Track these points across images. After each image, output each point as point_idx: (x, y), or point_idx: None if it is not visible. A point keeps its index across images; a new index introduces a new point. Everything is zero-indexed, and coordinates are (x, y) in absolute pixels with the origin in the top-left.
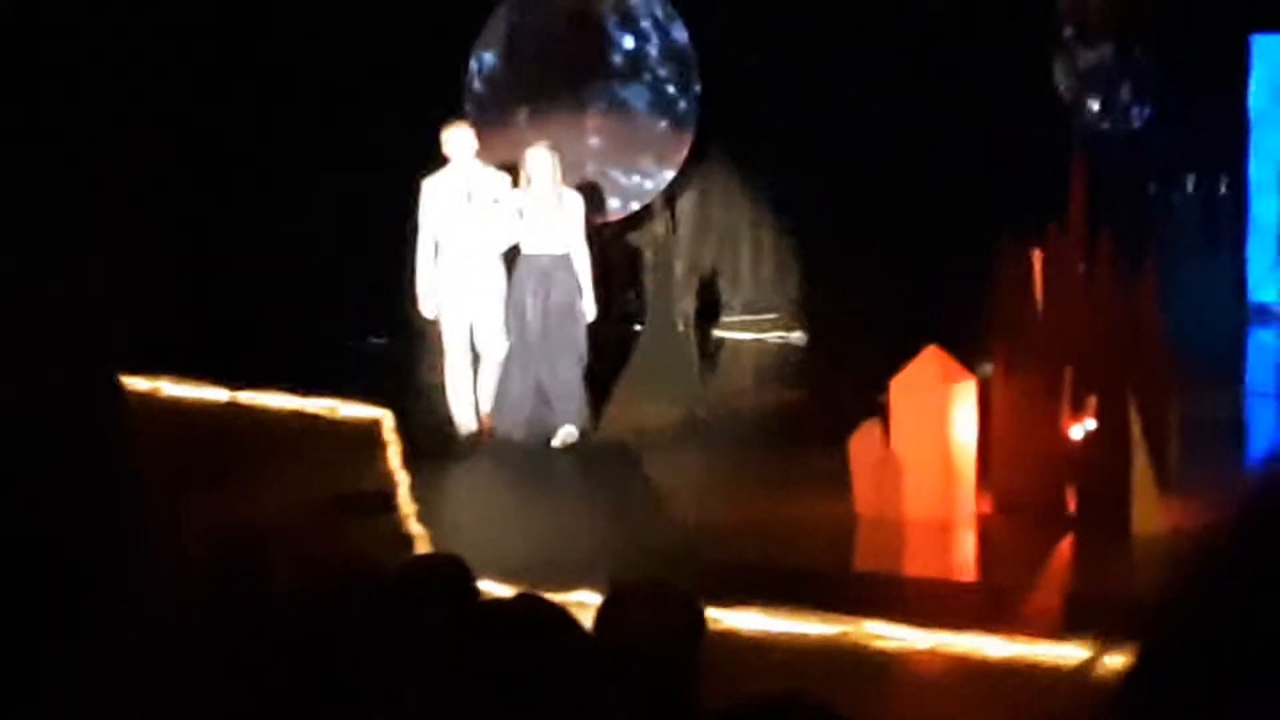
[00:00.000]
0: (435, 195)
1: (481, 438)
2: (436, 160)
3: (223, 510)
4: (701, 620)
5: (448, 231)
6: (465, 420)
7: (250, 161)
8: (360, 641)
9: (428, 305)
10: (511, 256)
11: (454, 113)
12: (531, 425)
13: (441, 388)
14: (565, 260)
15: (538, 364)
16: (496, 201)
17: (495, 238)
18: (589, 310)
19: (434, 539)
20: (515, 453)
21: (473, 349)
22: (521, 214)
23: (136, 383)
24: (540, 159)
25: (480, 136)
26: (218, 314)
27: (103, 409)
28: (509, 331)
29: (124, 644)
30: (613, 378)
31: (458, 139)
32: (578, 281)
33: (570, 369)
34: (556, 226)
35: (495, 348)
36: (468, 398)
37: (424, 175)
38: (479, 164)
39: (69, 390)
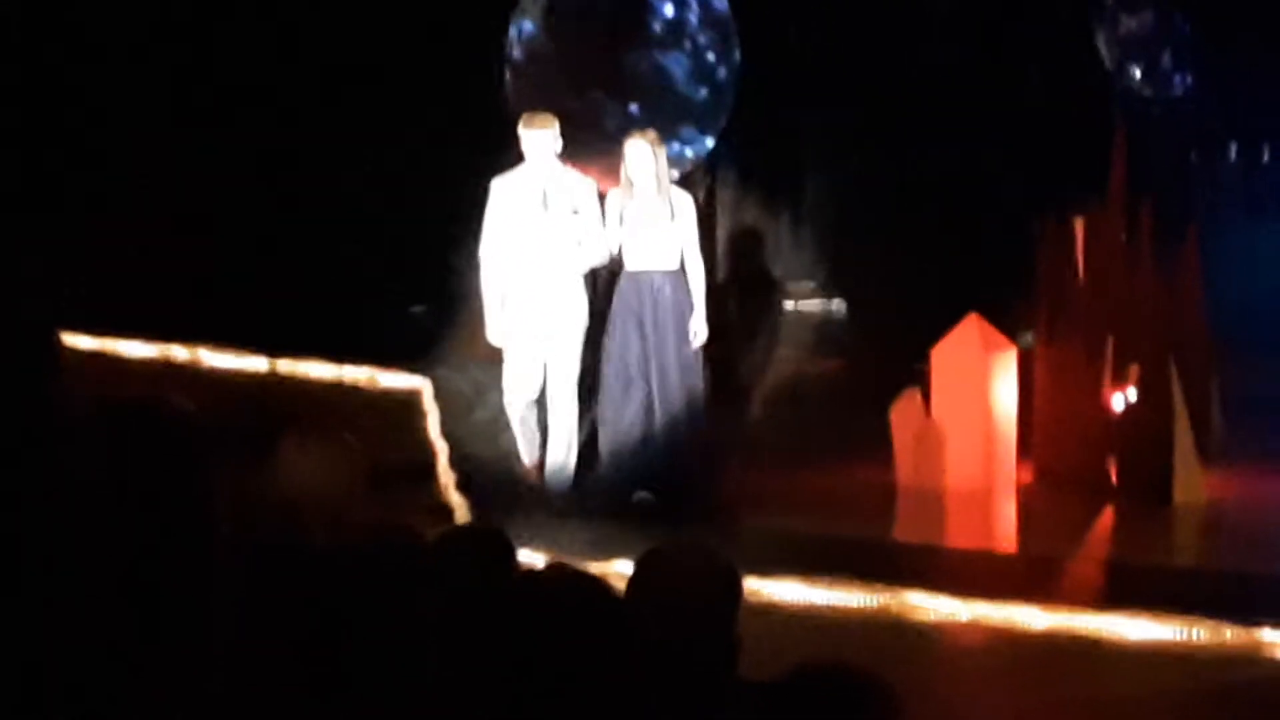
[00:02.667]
0: (504, 198)
1: (540, 488)
2: (476, 126)
3: (259, 479)
4: (738, 581)
5: (518, 241)
6: (531, 466)
7: (291, 130)
8: (395, 612)
9: (495, 331)
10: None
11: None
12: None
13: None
14: (677, 276)
15: (643, 408)
16: (576, 213)
17: (574, 255)
18: (700, 331)
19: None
20: None
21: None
22: (622, 222)
23: (175, 351)
24: (642, 154)
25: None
26: (257, 281)
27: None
28: (608, 374)
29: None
30: None
31: (536, 138)
32: (690, 299)
33: (684, 417)
34: (665, 236)
35: (567, 385)
36: (533, 440)
37: (472, 156)
38: (560, 166)
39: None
